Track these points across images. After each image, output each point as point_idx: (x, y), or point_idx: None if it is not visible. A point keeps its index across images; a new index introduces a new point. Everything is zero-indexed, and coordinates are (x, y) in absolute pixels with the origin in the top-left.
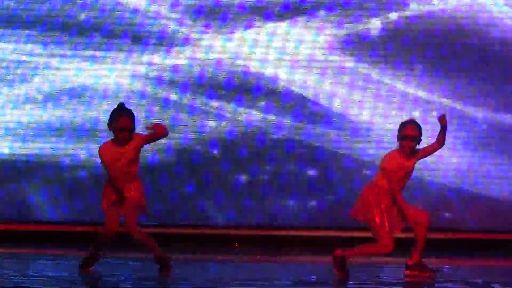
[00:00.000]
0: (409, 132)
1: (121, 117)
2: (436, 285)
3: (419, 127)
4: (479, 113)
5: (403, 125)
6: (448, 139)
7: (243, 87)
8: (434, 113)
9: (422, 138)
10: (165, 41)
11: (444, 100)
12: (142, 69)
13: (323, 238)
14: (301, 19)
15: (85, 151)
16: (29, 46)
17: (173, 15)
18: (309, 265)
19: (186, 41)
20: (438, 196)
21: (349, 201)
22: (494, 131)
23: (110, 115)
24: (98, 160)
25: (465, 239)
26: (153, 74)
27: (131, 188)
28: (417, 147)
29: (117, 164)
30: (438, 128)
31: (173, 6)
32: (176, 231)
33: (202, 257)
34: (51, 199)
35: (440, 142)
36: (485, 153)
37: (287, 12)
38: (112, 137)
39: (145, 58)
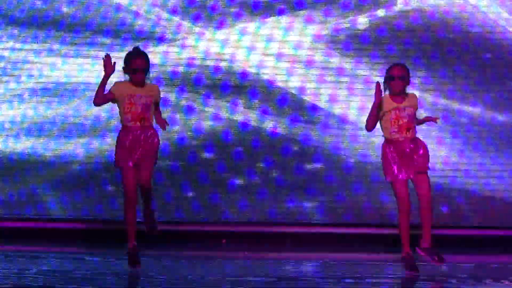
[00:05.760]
0: (395, 72)
1: (136, 58)
2: (431, 282)
3: (406, 68)
4: (476, 110)
5: (390, 67)
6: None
7: (225, 85)
8: (422, 111)
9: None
10: (145, 38)
11: (432, 97)
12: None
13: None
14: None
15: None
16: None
17: (157, 13)
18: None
19: (162, 39)
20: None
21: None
22: (479, 127)
23: (125, 58)
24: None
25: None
26: None
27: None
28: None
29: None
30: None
31: (154, 4)
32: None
33: (190, 253)
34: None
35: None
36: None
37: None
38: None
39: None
